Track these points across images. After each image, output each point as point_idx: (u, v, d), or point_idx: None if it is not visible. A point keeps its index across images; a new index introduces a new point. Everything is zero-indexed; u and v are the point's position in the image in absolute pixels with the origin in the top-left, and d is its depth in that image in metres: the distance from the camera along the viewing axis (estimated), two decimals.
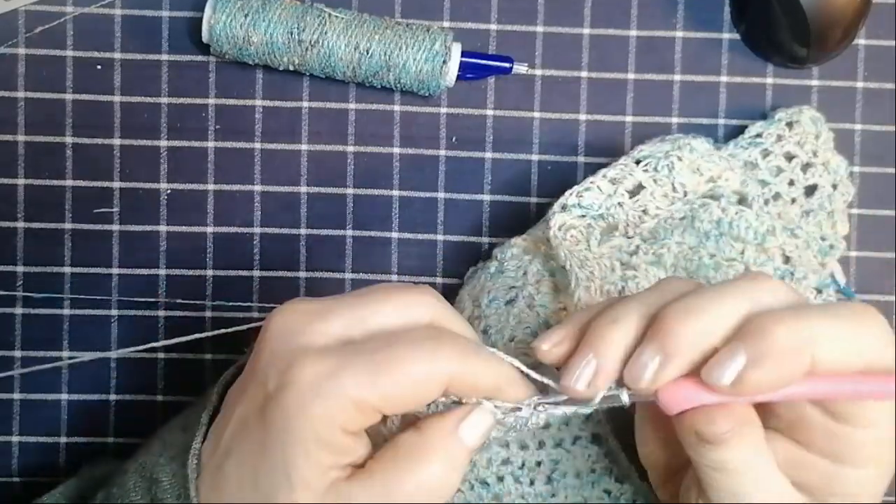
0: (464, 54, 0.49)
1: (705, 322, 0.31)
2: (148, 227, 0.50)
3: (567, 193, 0.43)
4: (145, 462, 0.36)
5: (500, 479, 0.43)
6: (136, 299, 0.50)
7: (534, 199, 0.51)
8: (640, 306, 0.32)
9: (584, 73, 0.51)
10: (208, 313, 0.50)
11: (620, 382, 0.32)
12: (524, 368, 0.33)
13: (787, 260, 0.45)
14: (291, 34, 0.47)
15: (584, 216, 0.44)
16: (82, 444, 0.50)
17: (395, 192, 0.51)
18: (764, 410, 0.33)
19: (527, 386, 0.33)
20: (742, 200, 0.45)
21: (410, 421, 0.33)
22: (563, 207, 0.43)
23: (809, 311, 0.30)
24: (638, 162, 0.44)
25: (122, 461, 0.41)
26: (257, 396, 0.32)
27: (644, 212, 0.44)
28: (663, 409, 0.32)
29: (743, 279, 0.32)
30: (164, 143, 0.50)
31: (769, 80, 0.51)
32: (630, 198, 0.44)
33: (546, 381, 0.33)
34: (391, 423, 0.33)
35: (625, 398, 0.32)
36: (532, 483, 0.43)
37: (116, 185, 0.50)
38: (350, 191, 0.51)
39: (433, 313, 0.34)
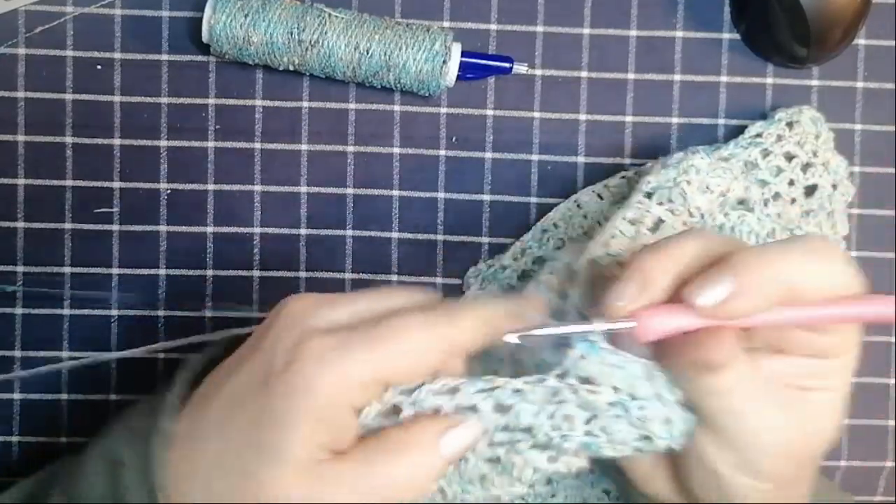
0: (464, 54, 0.49)
1: (679, 254, 0.33)
2: (148, 227, 0.50)
3: (592, 245, 0.42)
4: (106, 445, 0.37)
5: None
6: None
7: (534, 199, 0.51)
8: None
9: (584, 73, 0.51)
10: (208, 313, 0.50)
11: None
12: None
13: None
14: (291, 34, 0.47)
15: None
16: (82, 445, 0.50)
17: (395, 192, 0.51)
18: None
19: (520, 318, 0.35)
20: (742, 202, 0.45)
21: (391, 413, 0.34)
22: (592, 262, 0.41)
23: (785, 247, 0.33)
24: (649, 195, 0.44)
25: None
26: (257, 372, 0.33)
27: None
28: (639, 336, 0.33)
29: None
30: (164, 143, 0.50)
31: (769, 80, 0.51)
32: (652, 234, 0.43)
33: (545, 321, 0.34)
34: (371, 418, 0.34)
35: (600, 327, 0.33)
36: (532, 484, 0.43)
37: (116, 185, 0.50)
38: (350, 191, 0.51)
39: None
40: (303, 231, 0.51)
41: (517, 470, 0.34)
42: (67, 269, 0.50)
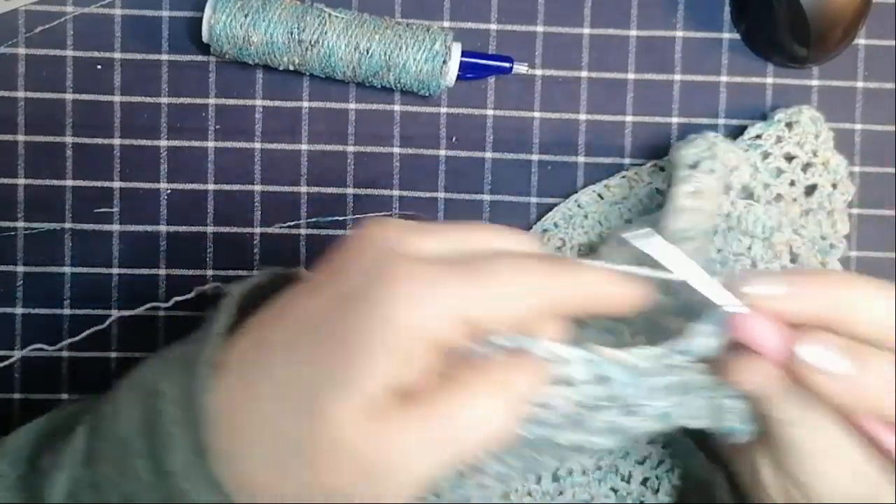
0: (464, 54, 0.49)
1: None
2: (148, 227, 0.50)
3: (663, 219, 0.42)
4: (140, 377, 0.33)
5: None
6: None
7: (534, 199, 0.51)
8: None
9: (584, 73, 0.51)
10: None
11: None
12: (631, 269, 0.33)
13: (794, 258, 0.45)
14: (291, 34, 0.47)
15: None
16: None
17: (395, 192, 0.51)
18: None
19: (632, 281, 0.33)
20: (749, 195, 0.45)
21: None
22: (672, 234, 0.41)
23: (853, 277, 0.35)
24: (694, 166, 0.43)
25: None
26: (333, 295, 0.30)
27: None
28: (733, 327, 0.33)
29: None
30: (164, 143, 0.50)
31: (769, 80, 0.51)
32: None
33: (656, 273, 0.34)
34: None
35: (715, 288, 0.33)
36: (539, 480, 0.43)
37: (116, 185, 0.50)
38: (350, 191, 0.51)
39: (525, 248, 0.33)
40: (302, 231, 0.51)
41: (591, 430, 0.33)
42: (67, 269, 0.50)
